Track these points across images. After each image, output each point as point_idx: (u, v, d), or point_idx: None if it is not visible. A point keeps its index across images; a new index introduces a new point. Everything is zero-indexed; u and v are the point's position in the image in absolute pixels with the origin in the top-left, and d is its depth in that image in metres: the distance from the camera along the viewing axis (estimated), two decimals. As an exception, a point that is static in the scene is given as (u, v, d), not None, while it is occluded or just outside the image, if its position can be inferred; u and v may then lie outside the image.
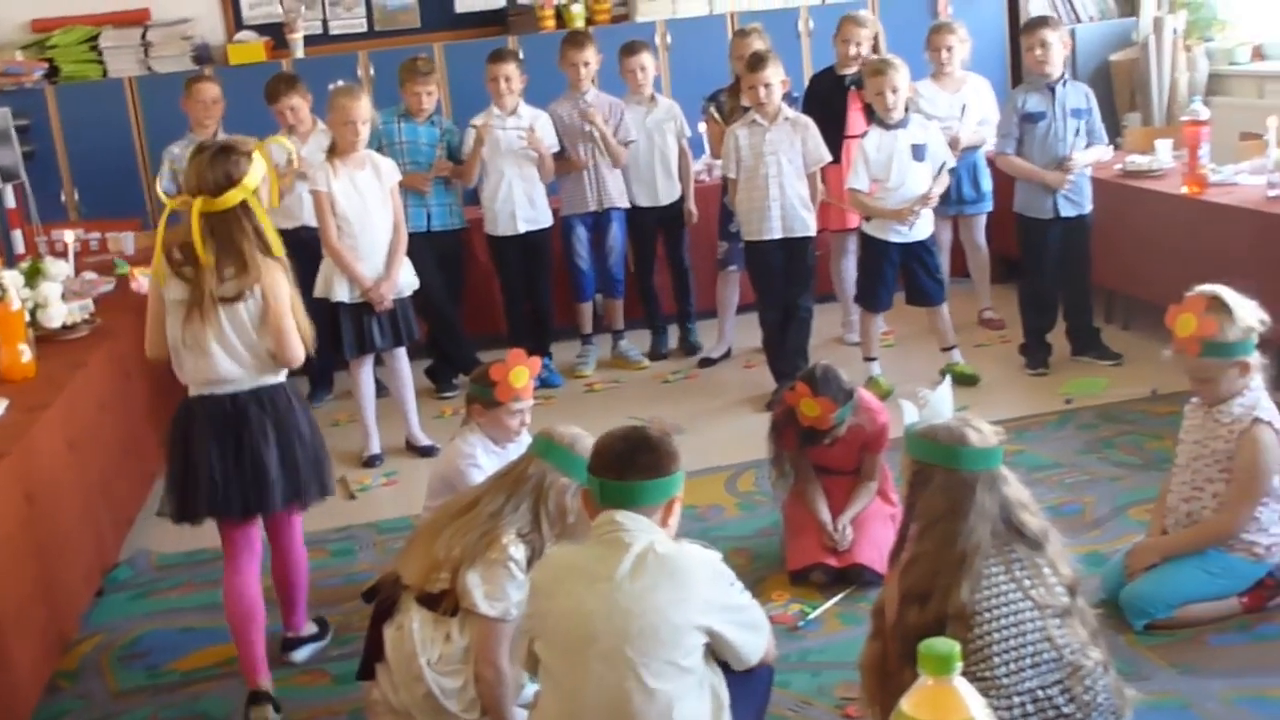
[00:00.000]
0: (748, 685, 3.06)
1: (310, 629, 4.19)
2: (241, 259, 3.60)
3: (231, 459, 3.69)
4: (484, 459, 4.08)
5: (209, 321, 3.61)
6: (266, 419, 3.73)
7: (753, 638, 2.91)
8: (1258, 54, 7.74)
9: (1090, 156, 5.99)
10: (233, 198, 3.59)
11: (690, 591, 2.80)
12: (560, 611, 2.86)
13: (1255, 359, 3.70)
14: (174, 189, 6.46)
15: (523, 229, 6.48)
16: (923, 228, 5.88)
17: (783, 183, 5.84)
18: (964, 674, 2.73)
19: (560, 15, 8.00)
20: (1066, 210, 5.95)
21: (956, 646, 1.86)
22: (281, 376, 3.80)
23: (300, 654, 4.11)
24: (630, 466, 2.87)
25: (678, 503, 2.95)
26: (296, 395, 3.86)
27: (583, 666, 2.80)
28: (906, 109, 5.82)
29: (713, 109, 6.58)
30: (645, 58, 6.65)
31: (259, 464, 3.70)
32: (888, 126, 5.72)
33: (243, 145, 3.68)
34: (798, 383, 4.20)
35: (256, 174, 3.64)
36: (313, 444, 3.84)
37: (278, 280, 3.66)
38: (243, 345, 3.66)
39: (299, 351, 3.72)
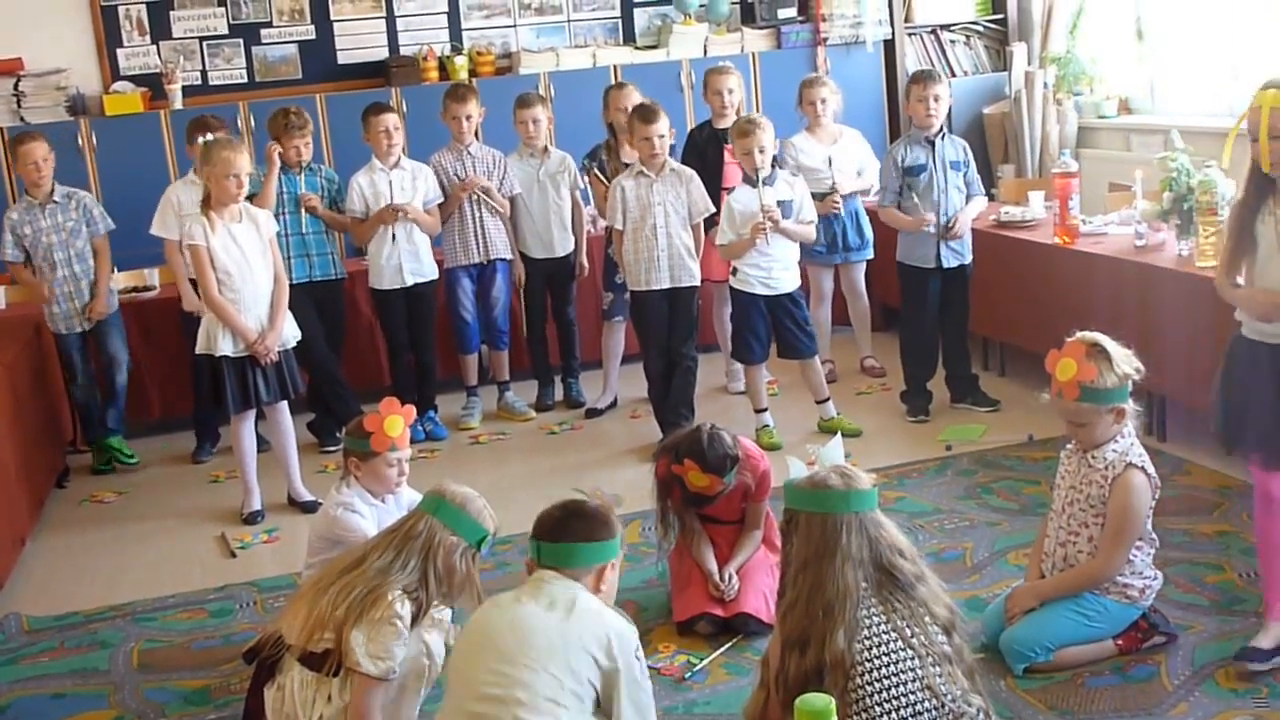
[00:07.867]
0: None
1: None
2: None
3: None
4: (363, 509, 4.05)
5: None
6: None
7: (634, 717, 2.92)
8: (1124, 108, 7.96)
9: (972, 212, 6.12)
10: None
11: (599, 636, 2.88)
12: (466, 632, 3.00)
13: (1130, 406, 3.79)
14: (19, 255, 6.31)
15: (410, 282, 6.44)
16: (788, 279, 5.93)
17: (670, 233, 5.88)
18: (845, 723, 2.77)
19: (443, 67, 8.00)
20: (949, 260, 6.06)
21: (832, 702, 1.88)
22: None
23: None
24: (564, 530, 3.03)
25: (610, 570, 3.05)
26: None
27: (473, 679, 2.88)
28: (774, 166, 5.87)
29: (595, 170, 6.61)
30: (539, 110, 6.64)
31: None
32: (754, 184, 5.79)
33: None
34: (685, 459, 4.16)
35: None
36: None
37: None
38: None
39: None
